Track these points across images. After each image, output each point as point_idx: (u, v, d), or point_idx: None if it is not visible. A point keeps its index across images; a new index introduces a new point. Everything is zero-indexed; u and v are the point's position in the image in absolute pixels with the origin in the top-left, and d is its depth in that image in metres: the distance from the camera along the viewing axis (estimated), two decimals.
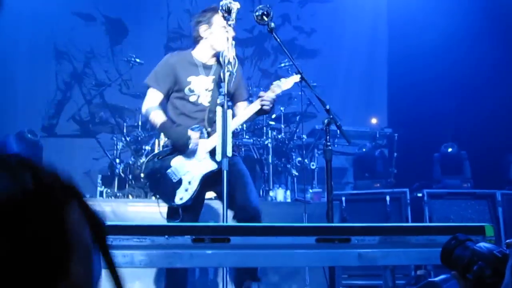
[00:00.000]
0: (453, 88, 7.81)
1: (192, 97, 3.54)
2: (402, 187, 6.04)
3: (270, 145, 6.39)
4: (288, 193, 6.44)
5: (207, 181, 3.40)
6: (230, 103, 3.60)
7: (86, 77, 8.79)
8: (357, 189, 6.75)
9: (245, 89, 3.87)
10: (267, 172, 6.49)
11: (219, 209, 3.39)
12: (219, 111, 3.21)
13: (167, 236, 2.22)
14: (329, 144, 3.20)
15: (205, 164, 3.41)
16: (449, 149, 6.83)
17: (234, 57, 3.16)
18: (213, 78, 3.58)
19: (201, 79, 3.57)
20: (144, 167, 3.55)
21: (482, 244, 1.96)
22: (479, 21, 7.59)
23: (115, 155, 6.86)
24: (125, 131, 6.93)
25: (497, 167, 6.94)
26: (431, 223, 5.62)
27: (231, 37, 3.45)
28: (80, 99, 8.67)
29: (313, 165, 6.82)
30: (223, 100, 3.23)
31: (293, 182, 6.76)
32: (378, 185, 6.63)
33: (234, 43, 3.15)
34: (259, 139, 6.46)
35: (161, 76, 3.55)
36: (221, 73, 3.50)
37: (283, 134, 6.69)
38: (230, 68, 3.10)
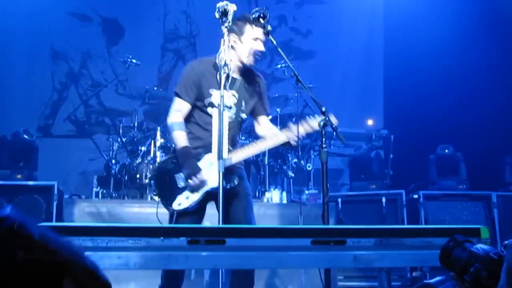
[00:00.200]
0: (448, 89, 7.83)
1: (210, 110, 3.44)
2: (398, 189, 6.05)
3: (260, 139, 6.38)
4: (284, 194, 6.45)
5: (211, 195, 3.34)
6: (243, 115, 3.58)
7: (82, 77, 8.78)
8: (353, 190, 6.75)
9: (267, 104, 3.78)
10: (263, 173, 6.50)
11: (214, 210, 3.37)
12: (215, 112, 3.20)
13: (163, 237, 2.22)
14: (325, 145, 3.20)
15: (215, 180, 3.31)
16: (445, 150, 6.84)
17: (231, 59, 3.14)
18: (235, 93, 3.51)
19: (219, 93, 3.46)
20: (157, 165, 3.51)
21: (479, 245, 1.97)
22: (475, 23, 7.61)
23: (111, 155, 6.85)
24: (121, 131, 6.92)
25: (493, 168, 6.96)
26: (427, 224, 5.63)
27: (259, 51, 3.43)
28: (76, 99, 8.66)
29: (309, 167, 6.84)
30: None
31: (289, 183, 6.77)
32: (374, 186, 6.63)
33: (231, 45, 3.14)
34: (255, 140, 6.45)
35: (189, 86, 3.44)
36: (243, 88, 3.50)
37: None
38: (226, 70, 3.08)
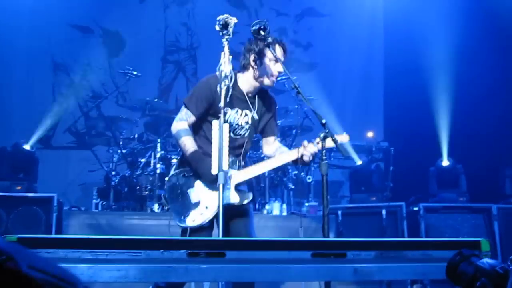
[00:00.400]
0: (449, 102, 7.85)
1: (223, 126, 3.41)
2: (398, 201, 6.04)
3: (266, 158, 6.38)
4: (284, 206, 6.44)
5: (224, 211, 3.34)
6: (248, 130, 3.58)
7: (83, 89, 8.80)
8: (353, 202, 6.75)
9: (276, 126, 3.83)
10: (263, 185, 6.49)
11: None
12: (215, 124, 3.20)
13: (162, 250, 2.21)
14: (325, 157, 3.20)
15: (228, 195, 3.33)
16: (445, 163, 6.84)
17: (231, 71, 3.14)
18: (250, 114, 3.53)
19: (237, 112, 3.50)
20: (168, 179, 3.48)
21: (485, 260, 1.95)
22: (476, 37, 7.64)
23: (111, 167, 6.85)
24: (121, 143, 6.92)
25: (493, 181, 6.95)
26: (427, 237, 5.62)
27: (277, 72, 3.43)
28: (76, 111, 8.67)
29: (309, 179, 6.83)
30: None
31: (289, 195, 6.76)
32: (374, 198, 6.63)
33: (231, 57, 3.14)
34: (255, 152, 6.46)
35: (200, 99, 3.41)
36: (259, 109, 3.52)
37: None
38: (227, 82, 3.09)
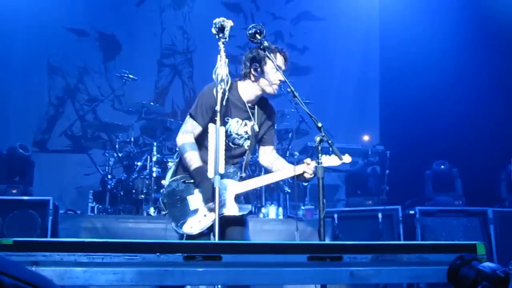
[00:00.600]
0: (445, 105, 7.87)
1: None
2: (394, 204, 6.06)
3: (262, 167, 6.39)
4: (280, 210, 6.44)
5: (221, 220, 3.27)
6: (245, 140, 3.58)
7: (79, 92, 8.79)
8: (349, 206, 6.76)
9: (274, 136, 3.86)
10: (259, 189, 6.48)
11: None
12: (211, 128, 3.19)
13: (158, 253, 2.21)
14: (321, 161, 3.20)
15: (226, 206, 3.34)
16: (441, 166, 6.86)
17: (227, 74, 3.14)
18: (250, 124, 3.54)
19: (238, 122, 3.51)
20: (167, 184, 3.46)
21: (486, 264, 1.96)
22: (472, 40, 7.67)
23: (107, 170, 6.84)
24: (117, 147, 6.91)
25: (489, 184, 6.97)
26: (423, 240, 5.63)
27: (278, 80, 3.43)
28: (72, 114, 8.66)
29: (305, 183, 6.82)
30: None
31: (285, 199, 6.76)
32: (370, 202, 6.64)
33: (227, 61, 3.14)
34: (251, 156, 6.44)
35: (205, 109, 3.41)
36: (259, 118, 3.53)
37: (275, 151, 6.68)
38: (223, 85, 3.09)
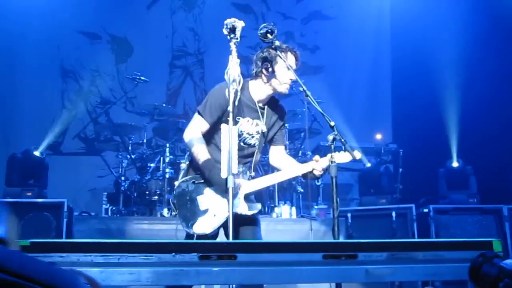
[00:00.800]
0: (458, 103, 7.81)
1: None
2: (408, 203, 6.03)
3: (273, 167, 6.39)
4: (293, 209, 6.43)
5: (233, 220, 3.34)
6: (254, 140, 3.57)
7: (91, 95, 8.84)
8: (362, 205, 6.73)
9: (285, 135, 3.87)
10: (272, 188, 6.49)
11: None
12: (225, 128, 3.20)
13: (174, 253, 2.22)
14: (334, 159, 3.19)
15: (237, 205, 3.34)
16: (455, 164, 6.81)
17: (239, 75, 3.15)
18: (262, 124, 3.55)
19: (248, 121, 3.52)
20: (177, 185, 3.48)
21: (509, 261, 1.95)
22: (484, 37, 7.59)
23: (120, 172, 6.88)
24: (130, 148, 6.95)
25: (503, 182, 6.91)
26: (438, 238, 5.59)
27: (289, 80, 3.45)
28: (85, 117, 8.70)
29: (318, 182, 6.82)
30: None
31: (298, 198, 6.76)
32: (383, 201, 6.61)
33: (239, 61, 3.15)
34: (264, 156, 6.46)
35: (214, 107, 3.43)
36: (269, 118, 3.54)
37: (288, 150, 6.68)
38: (235, 86, 3.09)
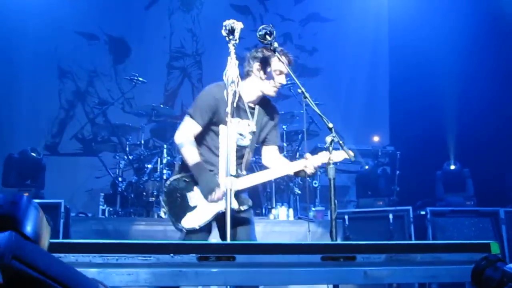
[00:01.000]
0: (455, 105, 7.83)
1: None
2: (405, 205, 6.03)
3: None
4: (290, 211, 6.43)
5: (220, 217, 3.33)
6: (250, 141, 3.58)
7: (89, 95, 8.83)
8: (359, 207, 6.74)
9: (278, 135, 3.83)
10: (269, 190, 6.49)
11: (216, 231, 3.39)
12: (223, 129, 3.20)
13: (172, 254, 2.22)
14: (332, 162, 3.19)
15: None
16: (452, 166, 6.83)
17: (237, 76, 3.14)
18: (252, 124, 3.55)
19: (239, 122, 3.51)
20: (168, 183, 3.48)
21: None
22: (481, 41, 7.61)
23: (117, 173, 6.86)
24: (127, 149, 6.94)
25: (500, 184, 6.93)
26: (435, 241, 5.60)
27: (279, 84, 3.44)
28: (83, 117, 8.70)
29: (315, 184, 6.81)
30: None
31: (295, 200, 6.75)
32: (381, 203, 6.62)
33: (237, 62, 3.14)
34: (261, 157, 6.46)
35: (204, 109, 3.44)
36: (260, 118, 3.54)
37: (285, 152, 6.69)
38: (233, 87, 3.09)
